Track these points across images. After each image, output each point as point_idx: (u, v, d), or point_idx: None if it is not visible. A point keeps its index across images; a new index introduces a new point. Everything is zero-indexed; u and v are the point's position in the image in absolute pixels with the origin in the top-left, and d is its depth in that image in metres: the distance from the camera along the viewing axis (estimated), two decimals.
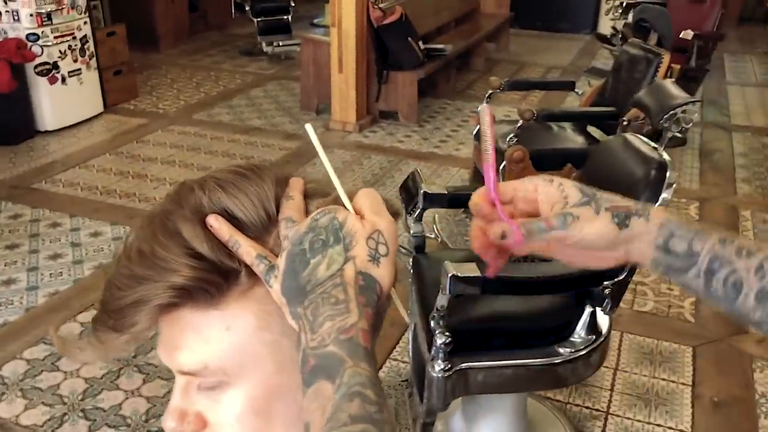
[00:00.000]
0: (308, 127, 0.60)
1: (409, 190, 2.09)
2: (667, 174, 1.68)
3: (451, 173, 4.11)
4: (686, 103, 1.62)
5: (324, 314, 0.50)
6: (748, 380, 2.40)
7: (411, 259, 2.04)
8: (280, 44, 6.96)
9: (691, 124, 1.64)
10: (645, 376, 2.42)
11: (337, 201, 0.57)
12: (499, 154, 2.78)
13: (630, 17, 5.37)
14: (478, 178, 3.06)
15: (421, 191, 1.96)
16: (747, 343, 2.59)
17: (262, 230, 0.56)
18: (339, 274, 0.51)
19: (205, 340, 0.55)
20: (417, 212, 1.99)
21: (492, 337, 1.74)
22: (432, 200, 1.99)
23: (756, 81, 6.30)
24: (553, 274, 1.65)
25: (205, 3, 8.09)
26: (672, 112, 1.62)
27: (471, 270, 1.58)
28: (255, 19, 6.78)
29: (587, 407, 2.28)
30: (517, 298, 1.81)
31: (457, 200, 2.02)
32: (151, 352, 2.41)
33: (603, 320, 1.81)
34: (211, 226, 0.55)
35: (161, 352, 0.58)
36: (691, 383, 2.39)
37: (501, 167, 2.69)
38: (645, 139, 1.84)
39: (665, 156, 1.74)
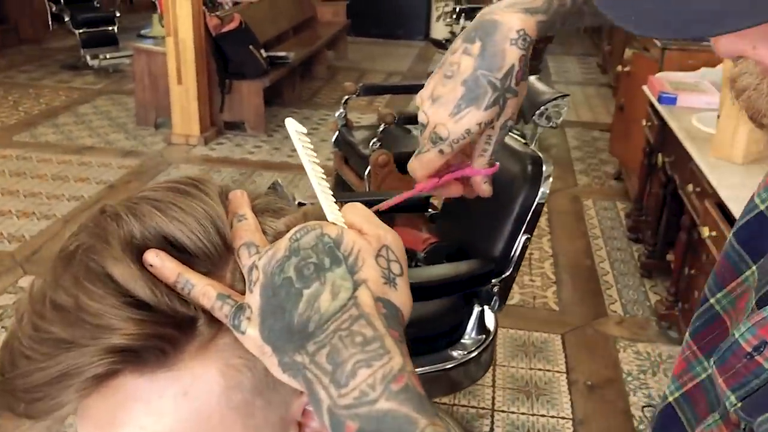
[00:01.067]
0: (289, 121, 0.46)
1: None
2: (543, 168, 1.70)
3: (306, 183, 4.01)
4: (555, 98, 1.65)
5: (352, 359, 0.38)
6: (615, 361, 2.52)
7: None
8: (107, 57, 6.49)
9: (561, 119, 1.67)
10: (522, 368, 2.47)
11: (306, 219, 0.45)
12: (363, 159, 2.73)
13: (463, 22, 5.57)
14: (341, 185, 2.99)
15: (296, 202, 1.85)
16: (608, 325, 2.73)
17: (216, 260, 0.44)
18: (353, 303, 0.40)
19: (157, 411, 0.42)
20: None
21: (421, 342, 1.68)
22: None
23: (578, 80, 6.77)
24: (446, 276, 1.61)
25: (15, 14, 7.39)
26: (543, 107, 1.64)
27: None
28: (77, 31, 6.29)
29: (473, 407, 2.27)
30: None
31: None
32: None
33: (490, 318, 1.81)
34: (150, 266, 0.41)
35: (88, 427, 0.43)
36: (564, 370, 2.47)
37: (366, 172, 2.64)
38: (515, 136, 1.85)
39: (537, 151, 1.76)
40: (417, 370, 1.38)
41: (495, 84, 0.61)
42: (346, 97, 3.04)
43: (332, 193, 0.45)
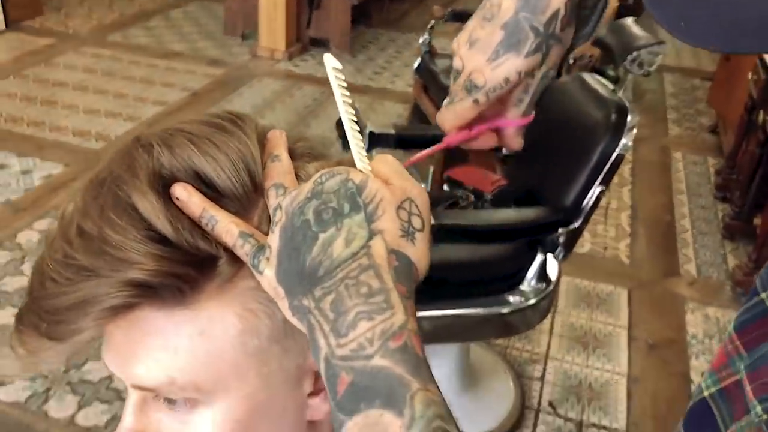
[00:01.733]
0: (328, 57, 0.44)
1: None
2: (628, 118, 1.60)
3: (386, 108, 3.97)
4: (651, 44, 1.53)
5: (354, 309, 0.37)
6: (681, 322, 2.44)
7: None
8: None
9: (654, 67, 1.56)
10: (583, 318, 2.43)
11: (340, 163, 0.44)
12: (443, 90, 2.65)
13: None
14: (417, 114, 2.93)
15: (367, 131, 1.82)
16: (679, 285, 2.63)
17: (245, 201, 0.43)
18: (365, 252, 0.38)
19: (172, 348, 0.42)
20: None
21: (440, 286, 1.66)
22: (378, 141, 1.86)
23: None
24: (508, 222, 1.57)
25: None
26: (636, 53, 1.53)
27: None
28: None
29: (527, 351, 2.26)
30: (467, 246, 1.73)
31: (405, 141, 1.89)
32: (86, 365, 2.07)
33: (553, 267, 1.76)
34: (177, 199, 0.41)
35: (109, 359, 0.45)
36: (626, 325, 2.41)
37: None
38: (603, 80, 1.75)
39: (624, 99, 1.66)
40: (471, 311, 1.35)
41: (538, 29, 0.55)
42: (433, 22, 2.94)
43: (362, 140, 0.43)
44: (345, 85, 0.43)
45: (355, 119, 0.43)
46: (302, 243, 0.39)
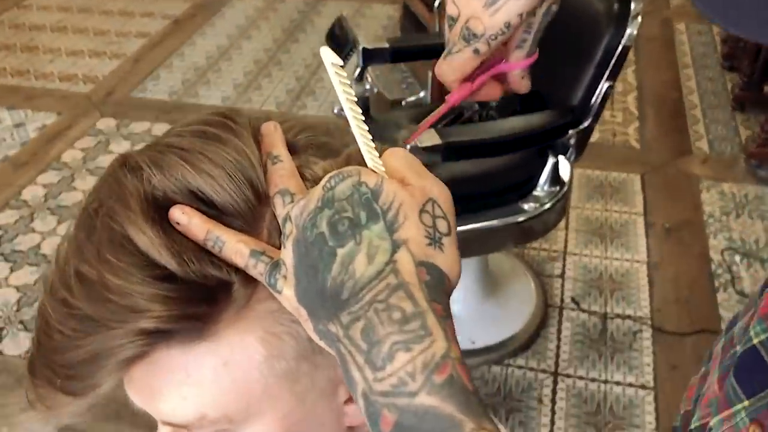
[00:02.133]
0: (325, 51, 0.39)
1: (337, 40, 1.88)
2: (632, 6, 1.52)
3: (375, 11, 3.82)
4: None
5: (389, 339, 0.33)
6: (696, 202, 2.42)
7: None
8: None
9: None
10: (597, 210, 2.41)
11: (350, 162, 0.40)
12: None
13: None
14: (409, 18, 2.82)
15: (360, 47, 1.75)
16: (692, 164, 2.59)
17: (250, 217, 0.40)
18: (391, 269, 0.35)
19: (197, 383, 0.40)
20: (357, 71, 1.80)
21: (461, 202, 1.64)
22: (372, 56, 1.79)
23: None
24: (518, 131, 1.52)
25: None
26: None
27: (430, 138, 1.44)
28: None
29: (544, 249, 2.26)
30: (476, 159, 1.70)
31: (400, 54, 1.82)
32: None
33: (566, 169, 1.73)
34: (177, 223, 0.38)
35: (133, 395, 0.42)
36: (642, 212, 2.40)
37: (437, 3, 2.46)
38: None
39: None
40: (487, 224, 1.32)
41: None
42: None
43: (371, 134, 0.39)
44: (348, 82, 0.38)
45: (362, 117, 0.39)
46: (319, 260, 0.36)
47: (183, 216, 0.38)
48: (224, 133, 0.40)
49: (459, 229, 1.52)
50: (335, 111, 1.98)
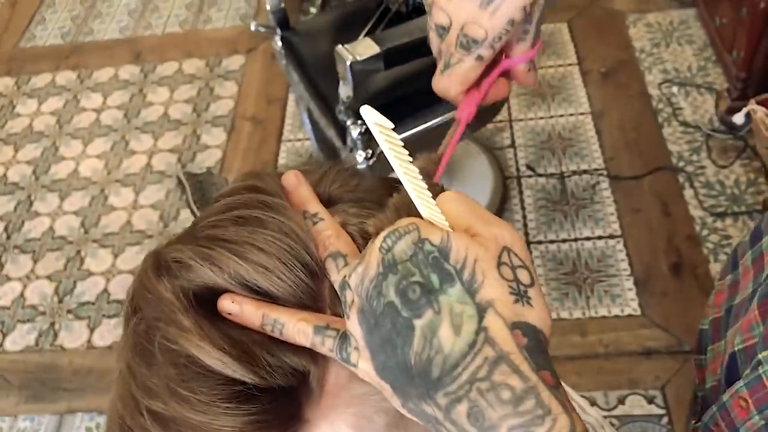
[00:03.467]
0: (367, 111, 0.34)
1: None
2: None
3: None
4: None
5: (505, 424, 0.30)
6: (626, 39, 2.42)
7: (278, 39, 1.77)
8: None
9: None
10: None
11: (400, 213, 0.36)
12: None
13: None
14: None
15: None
16: (614, 0, 2.57)
17: (307, 296, 0.37)
18: (484, 339, 0.31)
19: None
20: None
21: (405, 103, 1.59)
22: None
23: None
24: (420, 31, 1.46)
25: None
26: None
27: (368, 48, 1.37)
28: None
29: (490, 122, 2.25)
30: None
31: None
32: (78, 287, 2.07)
33: None
34: (229, 314, 0.35)
35: None
36: (576, 61, 2.39)
37: None
38: None
39: None
40: (440, 119, 1.29)
41: None
42: None
43: (423, 180, 0.34)
44: (400, 143, 0.34)
45: (417, 173, 0.34)
46: (394, 334, 0.32)
47: (233, 306, 0.35)
48: (266, 214, 0.37)
49: (411, 132, 1.48)
50: (253, 28, 1.86)
